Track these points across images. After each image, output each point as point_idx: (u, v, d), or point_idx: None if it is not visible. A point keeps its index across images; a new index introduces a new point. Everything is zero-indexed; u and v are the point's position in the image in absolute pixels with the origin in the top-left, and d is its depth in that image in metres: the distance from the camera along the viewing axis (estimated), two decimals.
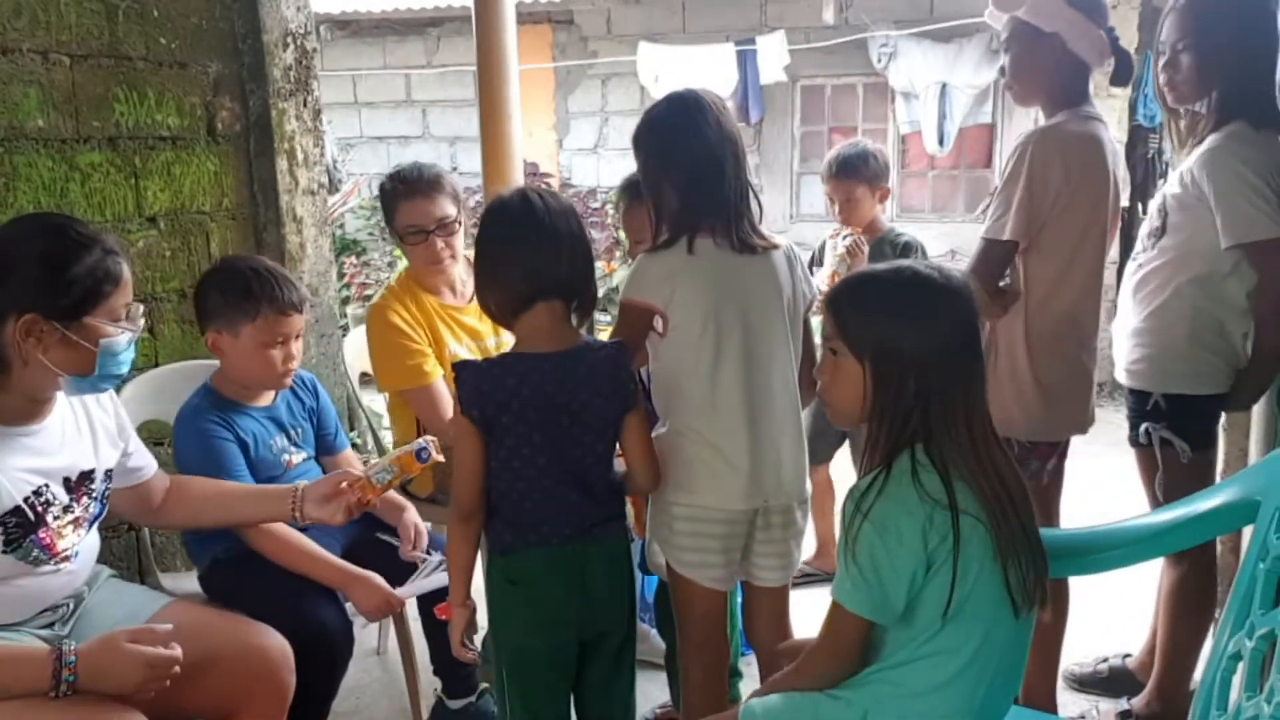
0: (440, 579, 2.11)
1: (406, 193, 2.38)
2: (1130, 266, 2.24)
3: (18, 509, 1.56)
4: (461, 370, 1.64)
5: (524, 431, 1.62)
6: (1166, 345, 2.11)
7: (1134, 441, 2.19)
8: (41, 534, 1.60)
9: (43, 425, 1.63)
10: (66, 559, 1.65)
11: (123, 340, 1.60)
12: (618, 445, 1.74)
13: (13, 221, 1.66)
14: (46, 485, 1.61)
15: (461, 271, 2.52)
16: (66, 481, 1.65)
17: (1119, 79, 2.13)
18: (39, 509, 1.59)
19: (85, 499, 1.69)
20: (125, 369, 1.65)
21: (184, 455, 2.00)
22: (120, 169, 2.60)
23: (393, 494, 2.24)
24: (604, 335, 1.94)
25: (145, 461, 1.87)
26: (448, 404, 2.39)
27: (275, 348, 1.99)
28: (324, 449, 2.24)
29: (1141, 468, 2.22)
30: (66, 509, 1.64)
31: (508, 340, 2.54)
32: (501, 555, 1.69)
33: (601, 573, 1.70)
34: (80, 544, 1.68)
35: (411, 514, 2.20)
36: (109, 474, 1.75)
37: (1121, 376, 2.23)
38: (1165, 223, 2.13)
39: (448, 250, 2.41)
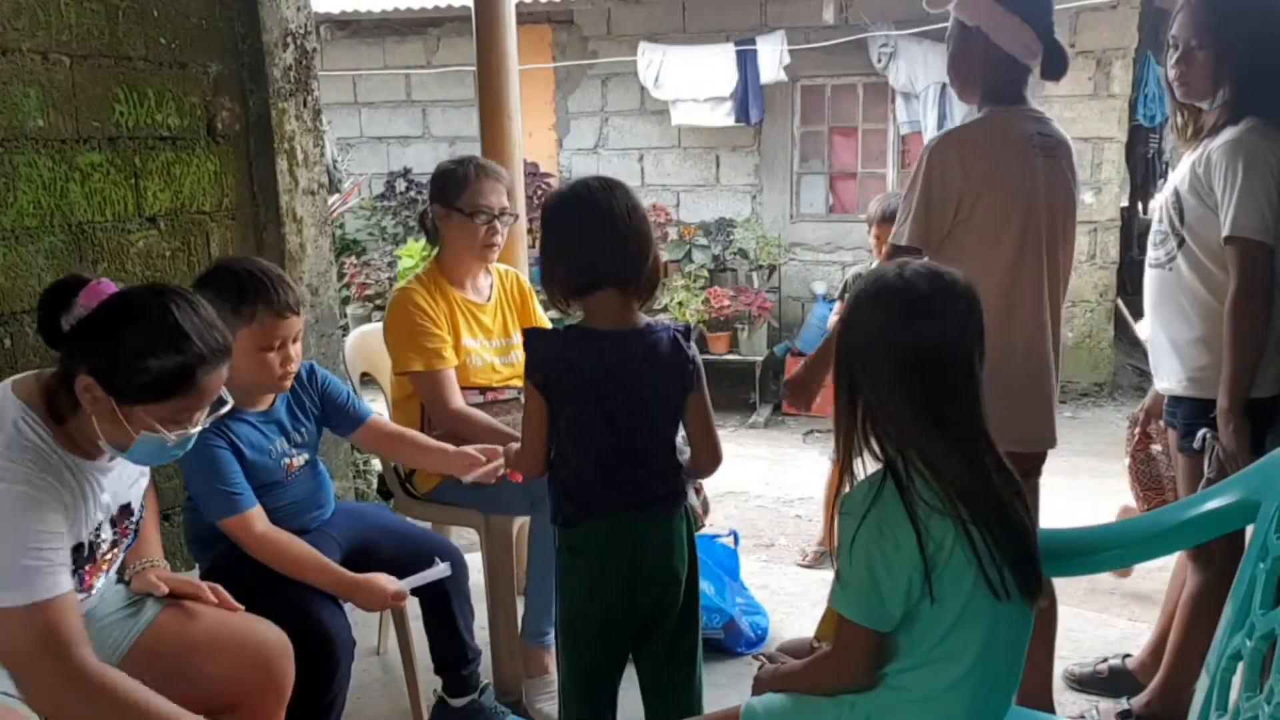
0: (440, 572, 2.13)
1: (484, 175, 2.49)
2: (1155, 274, 2.18)
3: (80, 545, 1.54)
4: (530, 336, 1.74)
5: (581, 403, 1.69)
6: None
7: (1185, 449, 2.13)
8: (89, 569, 1.59)
9: (115, 462, 1.61)
10: (90, 592, 1.64)
11: (168, 437, 1.52)
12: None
13: (141, 288, 1.59)
14: (102, 522, 1.60)
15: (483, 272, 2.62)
16: (112, 518, 1.64)
17: (1049, 73, 2.06)
18: (94, 544, 1.59)
19: (124, 534, 1.68)
20: (162, 463, 1.62)
21: (183, 463, 1.99)
22: (120, 169, 2.60)
23: (434, 442, 2.26)
24: None
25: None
26: (455, 393, 2.44)
27: (273, 351, 1.97)
28: (346, 424, 2.22)
29: (1187, 474, 2.15)
30: (112, 544, 1.64)
31: (516, 341, 2.62)
32: (564, 527, 1.75)
33: (657, 548, 1.74)
34: (106, 578, 1.68)
35: (460, 448, 2.21)
36: (142, 505, 1.74)
37: (1173, 386, 2.16)
38: (1182, 217, 2.09)
39: (501, 238, 2.53)
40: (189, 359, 1.47)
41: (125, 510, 1.67)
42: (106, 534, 1.61)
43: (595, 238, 1.68)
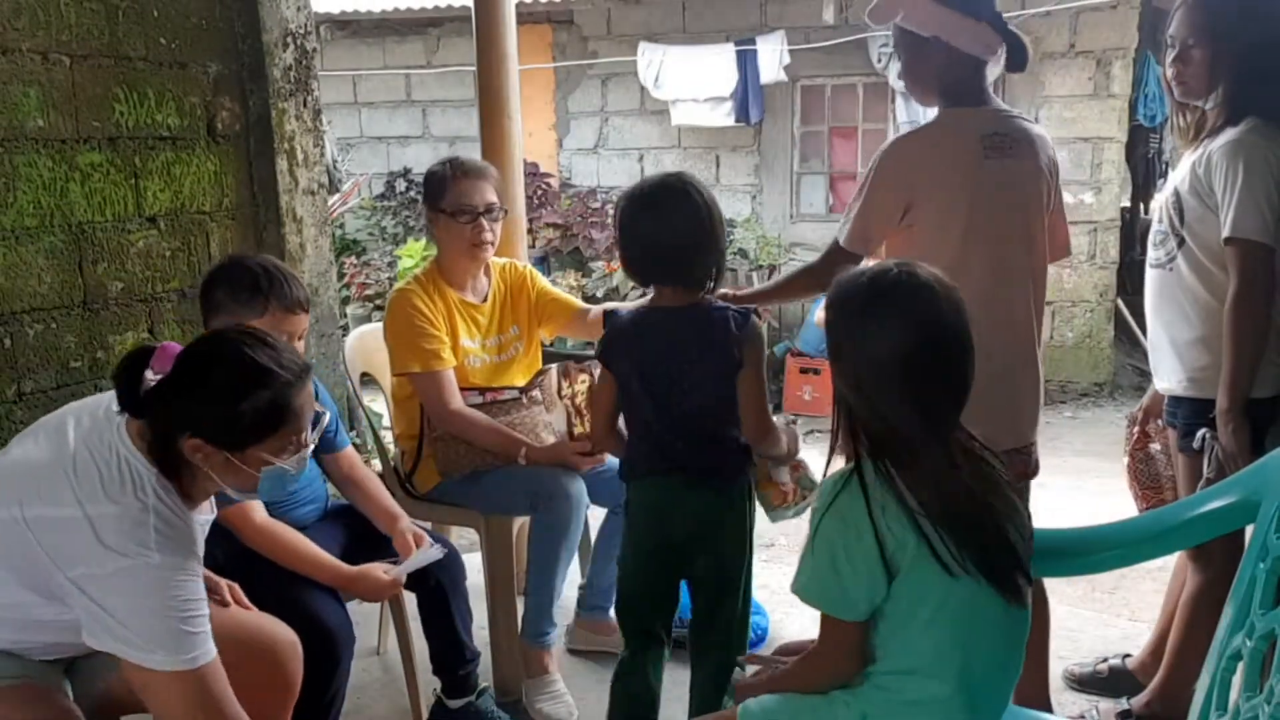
0: (433, 555, 2.13)
1: (462, 174, 2.48)
2: (1155, 274, 2.18)
3: None
4: (605, 318, 1.98)
5: (630, 373, 1.88)
6: None
7: (1185, 449, 2.13)
8: None
9: (209, 515, 1.66)
10: None
11: (288, 466, 1.56)
12: None
13: (204, 339, 1.59)
14: None
15: (482, 272, 2.62)
16: None
17: (1015, 65, 2.05)
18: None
19: None
20: (293, 486, 1.67)
21: None
22: (120, 169, 2.60)
23: (388, 501, 2.26)
24: None
25: None
26: (454, 394, 2.44)
27: None
28: (324, 447, 2.24)
29: (1187, 474, 2.14)
30: None
31: (514, 334, 2.62)
32: (626, 482, 1.96)
33: (687, 515, 1.88)
34: None
35: (405, 522, 2.21)
36: None
37: (1174, 386, 2.16)
38: (1182, 218, 2.09)
39: (490, 235, 2.50)
40: (278, 391, 1.49)
41: None
42: None
43: (652, 240, 1.86)
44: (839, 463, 1.42)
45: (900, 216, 2.00)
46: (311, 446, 1.60)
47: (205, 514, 1.63)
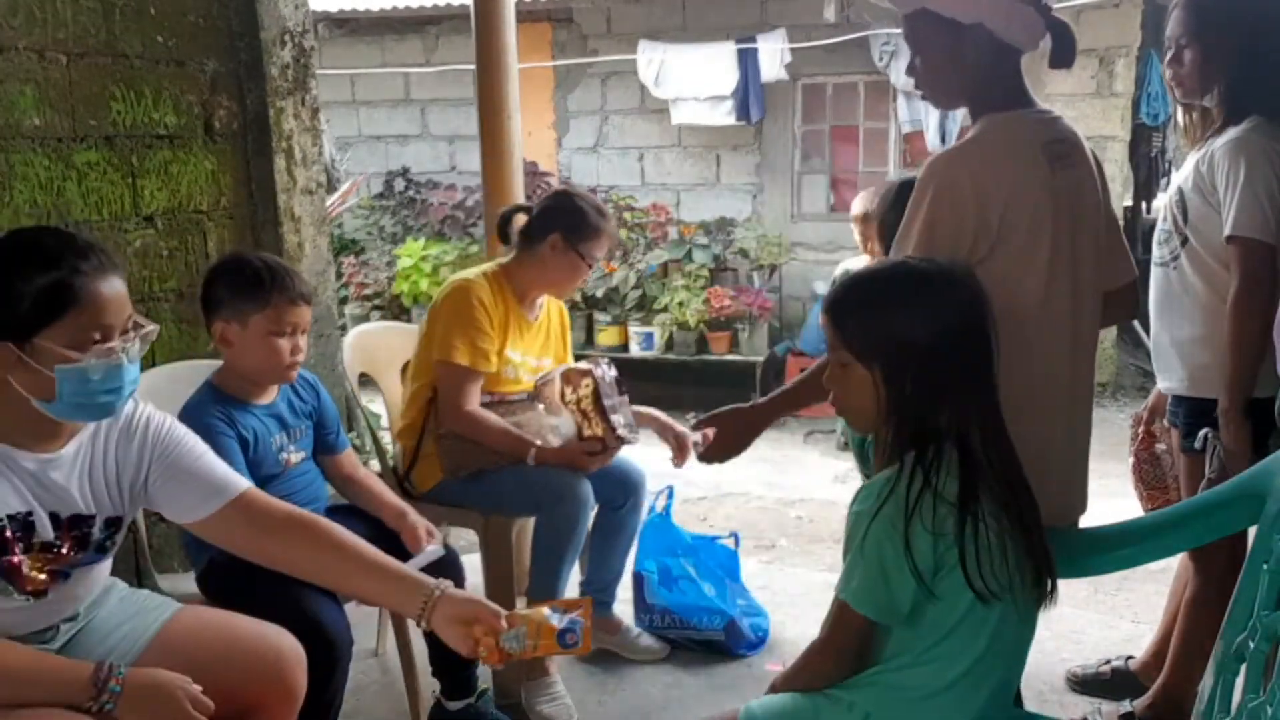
0: (434, 554, 2.10)
1: (607, 232, 2.59)
2: (1158, 273, 2.18)
3: None
4: None
5: None
6: None
7: (1187, 449, 2.13)
8: (11, 559, 1.50)
9: (57, 455, 1.54)
10: (36, 595, 1.54)
11: (90, 367, 1.43)
12: None
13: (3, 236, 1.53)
14: (31, 513, 1.51)
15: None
16: (55, 517, 1.54)
17: (1059, 61, 1.71)
18: (10, 533, 1.49)
19: (72, 544, 1.56)
20: (107, 399, 1.49)
21: None
22: (117, 168, 2.59)
23: (392, 497, 2.25)
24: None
25: (221, 483, 1.68)
26: (476, 396, 2.47)
27: (283, 337, 2.01)
28: (325, 449, 2.24)
29: (1189, 475, 2.14)
30: (47, 546, 1.54)
31: (548, 364, 2.65)
32: None
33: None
34: (59, 587, 1.57)
35: (412, 515, 2.20)
36: (112, 523, 1.62)
37: (1176, 386, 2.16)
38: (1185, 216, 2.08)
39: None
40: (63, 272, 1.42)
41: (78, 520, 1.57)
42: (41, 530, 1.52)
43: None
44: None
45: (968, 248, 1.63)
46: (129, 358, 1.48)
47: (55, 455, 1.52)
